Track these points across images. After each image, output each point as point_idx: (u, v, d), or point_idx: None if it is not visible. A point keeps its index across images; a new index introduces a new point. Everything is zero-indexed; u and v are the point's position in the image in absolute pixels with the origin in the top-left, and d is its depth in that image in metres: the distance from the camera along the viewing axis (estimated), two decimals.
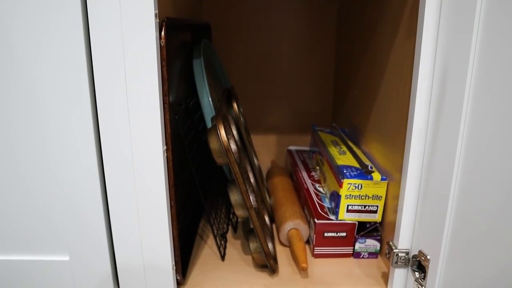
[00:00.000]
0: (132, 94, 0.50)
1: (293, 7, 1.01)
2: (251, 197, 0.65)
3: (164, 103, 0.53)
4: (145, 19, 0.48)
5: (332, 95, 1.07)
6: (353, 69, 0.88)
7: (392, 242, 0.59)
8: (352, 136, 0.87)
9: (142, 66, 0.49)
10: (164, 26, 0.51)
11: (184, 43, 0.72)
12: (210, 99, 0.69)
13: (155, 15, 0.49)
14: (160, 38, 0.51)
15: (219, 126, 0.58)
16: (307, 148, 1.02)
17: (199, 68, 0.71)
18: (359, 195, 0.67)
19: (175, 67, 0.63)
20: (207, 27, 0.97)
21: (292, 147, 1.03)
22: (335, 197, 0.69)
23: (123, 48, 0.49)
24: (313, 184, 0.81)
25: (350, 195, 0.67)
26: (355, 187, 0.67)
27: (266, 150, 1.10)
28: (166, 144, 0.54)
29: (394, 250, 0.58)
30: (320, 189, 0.79)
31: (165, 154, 0.54)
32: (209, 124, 0.70)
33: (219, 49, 1.04)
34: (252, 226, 0.62)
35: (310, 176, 0.85)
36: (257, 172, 0.77)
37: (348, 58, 0.92)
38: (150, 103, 0.51)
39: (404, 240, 0.58)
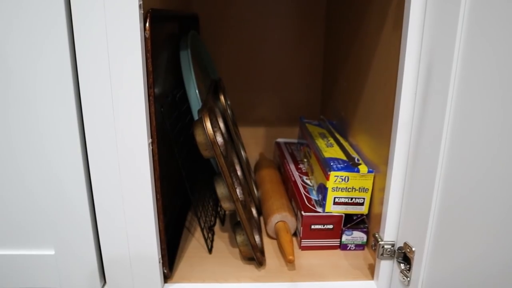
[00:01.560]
0: (117, 86, 0.50)
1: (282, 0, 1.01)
2: (237, 190, 0.65)
3: (149, 96, 0.52)
4: (129, 10, 0.47)
5: (320, 87, 1.07)
6: (341, 61, 0.87)
7: (378, 234, 0.60)
8: (340, 128, 0.87)
9: (126, 58, 0.49)
10: (148, 18, 0.51)
11: (171, 34, 0.71)
12: (197, 91, 0.68)
13: (139, 6, 0.48)
14: (145, 29, 0.50)
15: (205, 118, 0.57)
16: (295, 140, 1.02)
17: (186, 60, 0.70)
18: (346, 188, 0.67)
19: (161, 59, 0.62)
20: (195, 18, 0.96)
21: (280, 139, 1.02)
22: (322, 190, 0.69)
23: (107, 39, 0.48)
24: (300, 177, 0.81)
25: (337, 187, 0.67)
26: (342, 179, 0.67)
27: (254, 142, 1.09)
28: (152, 137, 0.54)
29: (380, 242, 0.58)
30: (308, 181, 0.79)
31: (151, 147, 0.54)
32: (196, 117, 0.69)
33: (207, 40, 1.03)
34: (239, 219, 0.62)
35: (297, 169, 0.85)
36: (244, 164, 0.77)
37: (336, 50, 0.92)
38: (134, 95, 0.50)
39: (390, 232, 0.58)
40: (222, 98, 0.75)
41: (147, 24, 0.50)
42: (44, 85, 0.50)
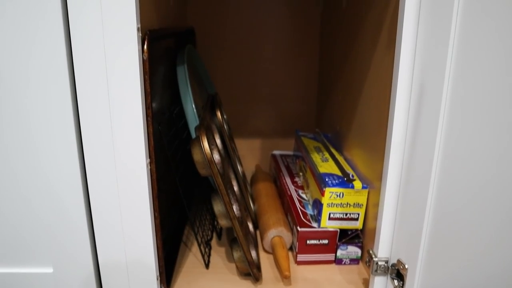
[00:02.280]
0: (115, 108, 0.50)
1: (278, 12, 1.02)
2: (234, 207, 0.66)
3: (147, 116, 0.53)
4: (128, 33, 0.48)
5: (315, 100, 1.08)
6: (336, 75, 0.89)
7: (372, 251, 0.61)
8: (335, 141, 0.88)
9: (125, 80, 0.50)
10: (146, 40, 0.52)
11: (168, 49, 0.72)
12: (194, 106, 0.69)
13: (138, 29, 0.49)
14: (143, 51, 0.51)
15: (202, 137, 0.58)
16: (291, 153, 1.03)
17: (182, 75, 0.71)
18: (341, 203, 0.68)
19: (158, 75, 0.63)
20: (191, 31, 0.97)
21: (276, 152, 1.03)
22: (318, 205, 0.70)
23: (106, 61, 0.49)
24: (296, 191, 0.82)
25: (332, 203, 0.68)
26: (337, 195, 0.68)
27: (250, 154, 1.10)
28: (150, 157, 0.55)
29: (374, 259, 0.59)
30: (303, 195, 0.80)
31: (149, 167, 0.54)
32: (193, 133, 0.70)
33: (203, 53, 1.04)
34: (235, 235, 0.63)
35: (293, 182, 0.86)
36: (240, 179, 0.78)
37: (331, 64, 0.93)
38: (133, 117, 0.51)
39: (384, 248, 0.59)
40: (218, 113, 0.76)
41: (145, 47, 0.51)
42: (44, 102, 0.51)
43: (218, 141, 0.71)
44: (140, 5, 0.50)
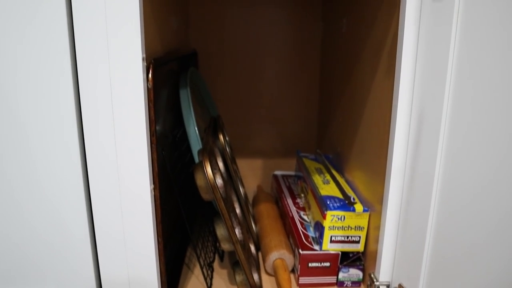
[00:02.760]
0: (120, 135, 0.51)
1: (279, 34, 1.03)
2: (236, 231, 0.66)
3: (151, 143, 0.54)
4: (133, 63, 0.50)
5: (316, 120, 1.09)
6: (337, 97, 0.90)
7: (374, 274, 0.61)
8: (336, 162, 0.89)
9: (130, 108, 0.51)
10: (151, 69, 0.53)
11: (171, 71, 0.74)
12: (196, 129, 0.70)
13: (143, 58, 0.50)
14: (147, 80, 0.53)
15: (205, 163, 0.59)
16: (292, 173, 1.04)
17: (185, 99, 0.72)
18: (342, 226, 0.69)
19: (161, 98, 0.64)
20: (194, 54, 0.99)
21: (277, 172, 1.04)
22: (319, 227, 0.71)
23: (111, 90, 0.50)
24: (298, 212, 0.83)
25: (333, 226, 0.69)
26: (338, 218, 0.68)
27: (252, 173, 1.11)
28: (154, 183, 0.55)
29: (375, 283, 0.59)
30: (305, 217, 0.81)
31: (153, 192, 0.55)
32: (195, 155, 0.71)
33: (205, 74, 1.05)
34: (238, 259, 0.63)
35: (295, 203, 0.86)
36: (242, 201, 0.79)
37: (332, 86, 0.94)
38: (137, 144, 0.52)
39: (385, 272, 0.59)
40: (221, 136, 0.77)
41: (150, 75, 0.53)
42: (49, 129, 0.52)
43: (220, 164, 0.72)
44: (145, 34, 0.51)
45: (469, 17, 0.44)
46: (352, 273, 0.71)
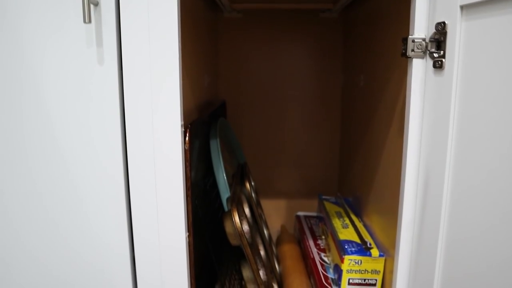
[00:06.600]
0: (161, 190, 0.59)
1: (302, 84, 1.12)
2: (261, 272, 0.73)
3: (187, 197, 0.62)
4: (173, 130, 0.58)
5: (338, 165, 1.15)
6: (356, 145, 0.96)
7: None
8: (355, 206, 0.95)
9: (169, 168, 0.59)
10: (188, 133, 0.61)
11: (202, 123, 0.81)
12: (225, 177, 0.78)
13: (181, 125, 0.58)
14: (185, 143, 0.61)
15: (234, 212, 0.66)
16: (314, 214, 1.10)
17: (215, 149, 0.80)
18: (359, 270, 0.74)
19: (194, 149, 0.72)
20: (223, 104, 1.07)
21: (300, 213, 1.10)
22: (338, 270, 0.76)
23: (154, 153, 0.58)
24: (318, 254, 0.88)
25: (351, 269, 0.74)
26: (356, 262, 0.74)
27: (276, 213, 1.18)
28: (188, 231, 0.63)
29: None
30: (325, 258, 0.86)
31: (187, 239, 0.62)
32: (224, 201, 0.78)
33: (233, 122, 1.14)
34: None
35: (316, 245, 0.92)
36: (267, 243, 0.85)
37: (351, 134, 1.01)
38: (175, 198, 0.60)
39: None
40: (247, 184, 0.84)
41: (187, 139, 0.61)
42: (99, 181, 0.60)
43: (247, 210, 0.79)
44: (183, 99, 0.60)
45: (466, 88, 0.50)
46: None
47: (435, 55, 0.55)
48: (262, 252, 0.81)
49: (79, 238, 0.62)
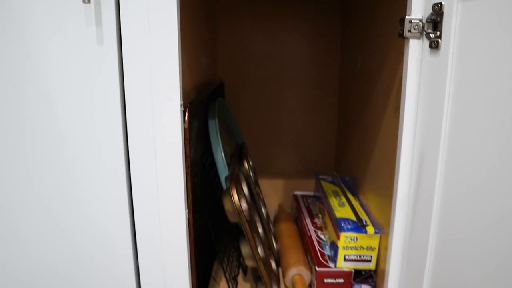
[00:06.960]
0: (160, 169, 0.61)
1: (299, 64, 1.12)
2: (259, 249, 0.74)
3: (186, 175, 0.63)
4: (172, 109, 0.59)
5: (335, 145, 1.17)
6: (353, 125, 0.98)
7: None
8: (352, 185, 0.97)
9: (169, 146, 0.60)
10: (187, 113, 0.62)
11: (201, 103, 0.82)
12: (223, 156, 0.79)
13: (181, 105, 0.59)
14: (184, 122, 0.62)
15: (232, 190, 0.67)
16: (311, 193, 1.12)
17: (213, 129, 0.81)
18: (355, 246, 0.76)
19: (193, 128, 0.73)
20: (221, 85, 1.08)
21: (297, 192, 1.12)
22: (334, 247, 0.78)
23: (154, 131, 0.59)
24: (315, 231, 0.90)
25: (346, 246, 0.76)
26: (351, 239, 0.76)
27: (274, 193, 1.19)
28: (188, 208, 0.64)
29: None
30: (322, 236, 0.88)
31: (187, 216, 0.64)
32: (222, 180, 0.80)
33: (231, 102, 1.15)
34: (260, 274, 0.71)
35: (313, 223, 0.94)
36: (265, 221, 0.87)
37: (348, 115, 1.02)
38: (175, 176, 0.61)
39: None
40: (245, 163, 0.86)
41: (186, 118, 0.62)
42: (100, 170, 0.61)
43: (245, 188, 0.81)
44: (182, 79, 0.60)
45: (461, 68, 0.51)
46: None
47: (432, 35, 0.55)
48: (260, 230, 0.83)
49: (77, 211, 0.64)
